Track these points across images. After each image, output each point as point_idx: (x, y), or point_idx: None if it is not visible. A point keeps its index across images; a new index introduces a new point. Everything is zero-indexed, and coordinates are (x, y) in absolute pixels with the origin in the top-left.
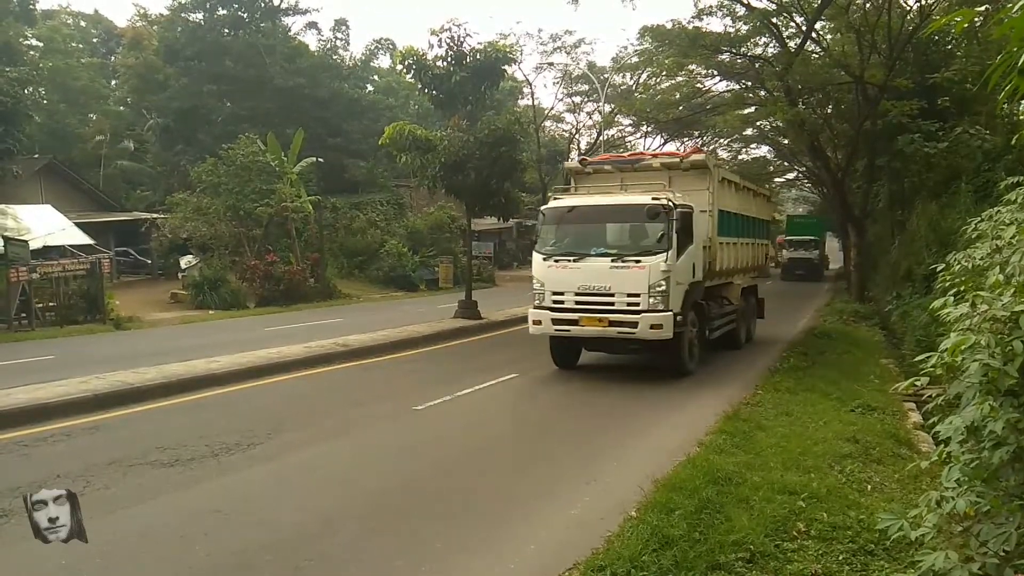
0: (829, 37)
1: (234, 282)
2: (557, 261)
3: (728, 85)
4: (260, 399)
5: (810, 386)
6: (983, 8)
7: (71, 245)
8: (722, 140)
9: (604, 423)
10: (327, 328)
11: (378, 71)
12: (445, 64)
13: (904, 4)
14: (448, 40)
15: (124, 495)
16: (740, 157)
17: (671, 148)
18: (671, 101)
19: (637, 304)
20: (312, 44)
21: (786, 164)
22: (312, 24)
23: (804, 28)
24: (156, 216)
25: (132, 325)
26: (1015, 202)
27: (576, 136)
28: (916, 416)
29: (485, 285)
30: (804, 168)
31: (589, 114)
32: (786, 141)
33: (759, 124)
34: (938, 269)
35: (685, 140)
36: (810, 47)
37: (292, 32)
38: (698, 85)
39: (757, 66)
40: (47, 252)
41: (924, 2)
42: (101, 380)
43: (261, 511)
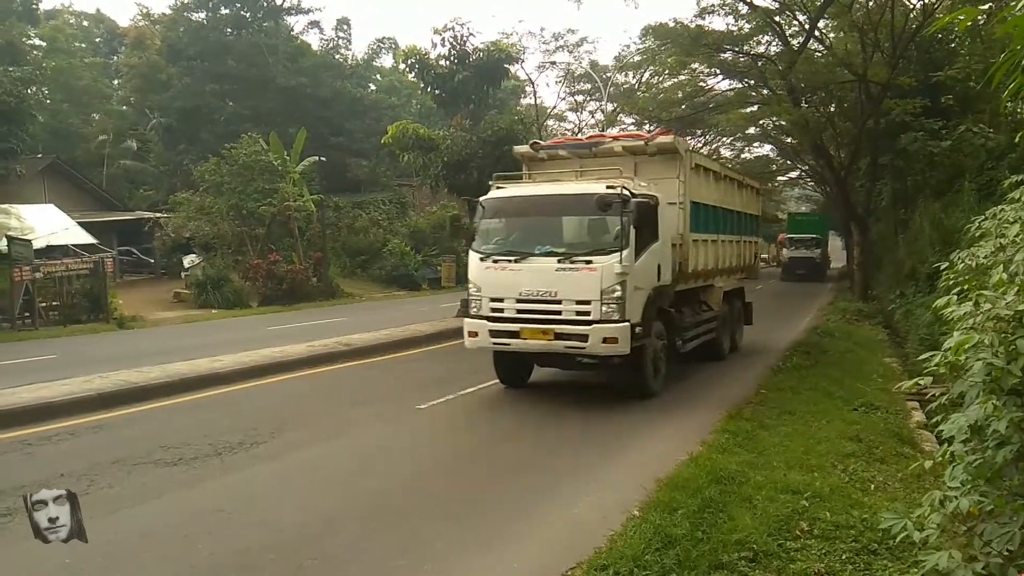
0: (832, 35)
1: (237, 281)
2: (496, 262)
3: (731, 84)
4: (263, 398)
5: (813, 385)
6: (986, 6)
7: (74, 244)
8: (725, 139)
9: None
10: (329, 327)
11: (380, 70)
12: (448, 63)
13: (907, 2)
14: (451, 39)
15: (128, 494)
16: (743, 156)
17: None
18: (674, 100)
19: (587, 313)
20: (314, 43)
21: (789, 163)
22: (314, 23)
23: (807, 26)
24: (159, 215)
25: (135, 324)
26: (1019, 200)
27: (579, 135)
28: (919, 415)
29: None
30: (807, 167)
31: (592, 113)
32: (789, 140)
33: (762, 123)
34: (941, 268)
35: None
36: (813, 45)
37: (294, 31)
38: (701, 84)
39: (760, 65)
40: (50, 251)
41: (927, 0)
42: (105, 379)
43: (264, 510)
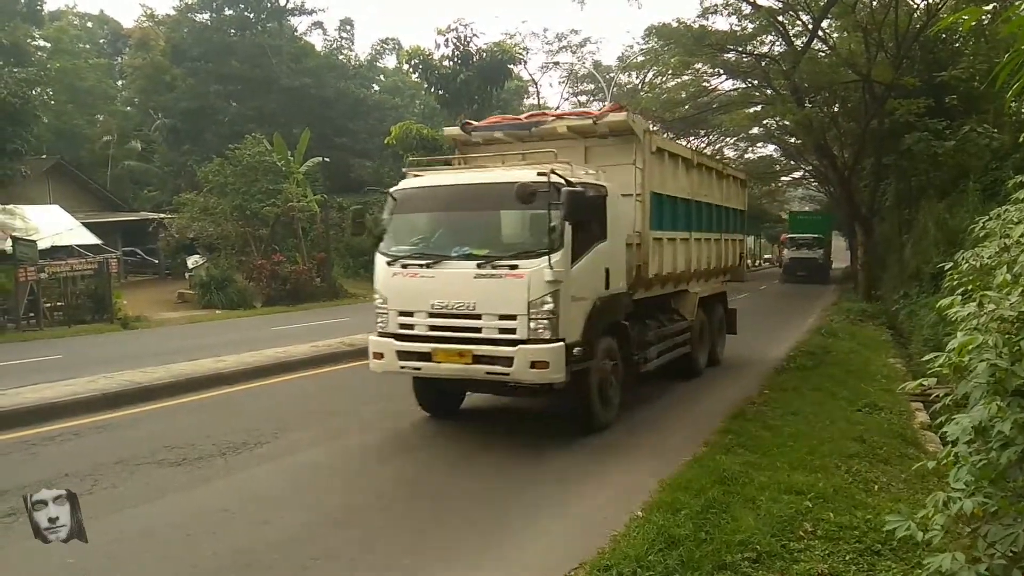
0: (836, 35)
1: (241, 282)
2: (405, 267)
3: (734, 84)
4: (267, 398)
5: (817, 385)
6: (990, 6)
7: (79, 245)
8: (729, 139)
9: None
10: (333, 327)
11: (384, 71)
12: (451, 64)
13: (911, 2)
14: (454, 40)
15: (131, 494)
16: (747, 156)
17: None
18: (677, 100)
19: (512, 331)
20: (318, 44)
21: (792, 163)
22: (318, 24)
23: (810, 26)
24: (163, 216)
25: (139, 324)
26: (1023, 200)
27: None
28: (923, 416)
29: None
30: (811, 167)
31: None
32: (793, 140)
33: (765, 123)
34: (945, 268)
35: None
36: (817, 45)
37: (298, 32)
38: (704, 84)
39: (763, 65)
40: (55, 252)
41: (931, 0)
42: (109, 379)
43: (268, 510)
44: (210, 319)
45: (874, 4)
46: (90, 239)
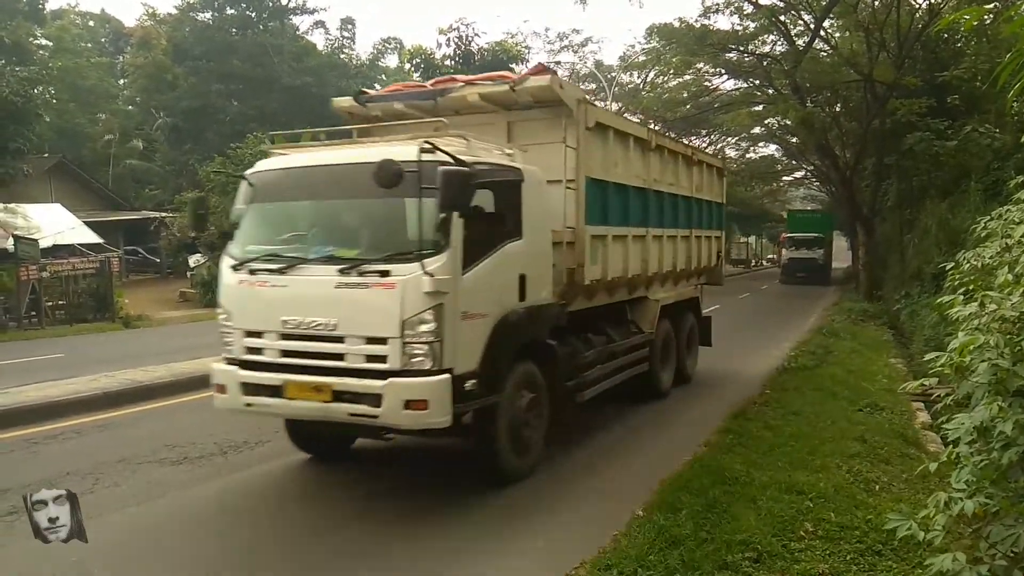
0: (837, 35)
1: None
2: (254, 273)
3: (736, 84)
4: None
5: (818, 385)
6: (992, 6)
7: (80, 244)
8: (730, 139)
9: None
10: None
11: (385, 70)
12: (453, 63)
13: (913, 2)
14: (456, 39)
15: (133, 493)
16: (748, 155)
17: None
18: (679, 99)
19: (382, 358)
20: (319, 43)
21: (794, 162)
22: (319, 23)
23: (812, 26)
24: (165, 215)
25: (141, 323)
26: None
27: None
28: (924, 416)
29: None
30: (812, 167)
31: None
32: (794, 139)
33: (767, 122)
34: (947, 268)
35: (693, 139)
36: (818, 45)
37: (300, 31)
38: (706, 84)
39: (765, 64)
40: (57, 251)
41: (933, 0)
42: (110, 378)
43: (270, 508)
44: (212, 318)
45: (876, 4)
46: (92, 238)
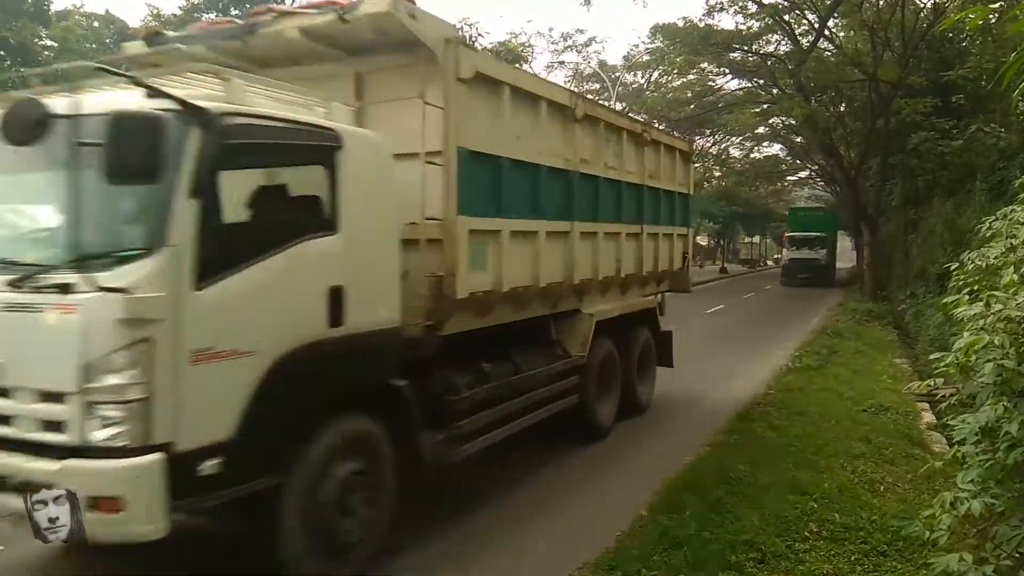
0: (842, 34)
1: None
2: None
3: (740, 83)
4: None
5: (822, 385)
6: (997, 5)
7: None
8: (734, 139)
9: None
10: None
11: None
12: None
13: (918, 1)
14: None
15: None
16: (752, 155)
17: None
18: (683, 99)
19: (60, 424)
20: None
21: (799, 162)
22: None
23: (816, 25)
24: None
25: None
26: None
27: None
28: (929, 416)
29: None
30: (817, 167)
31: None
32: (799, 139)
33: (772, 122)
34: (951, 268)
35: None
36: (822, 45)
37: None
38: (710, 83)
39: (769, 64)
40: None
41: None
42: None
43: None
44: None
45: (880, 3)
46: None
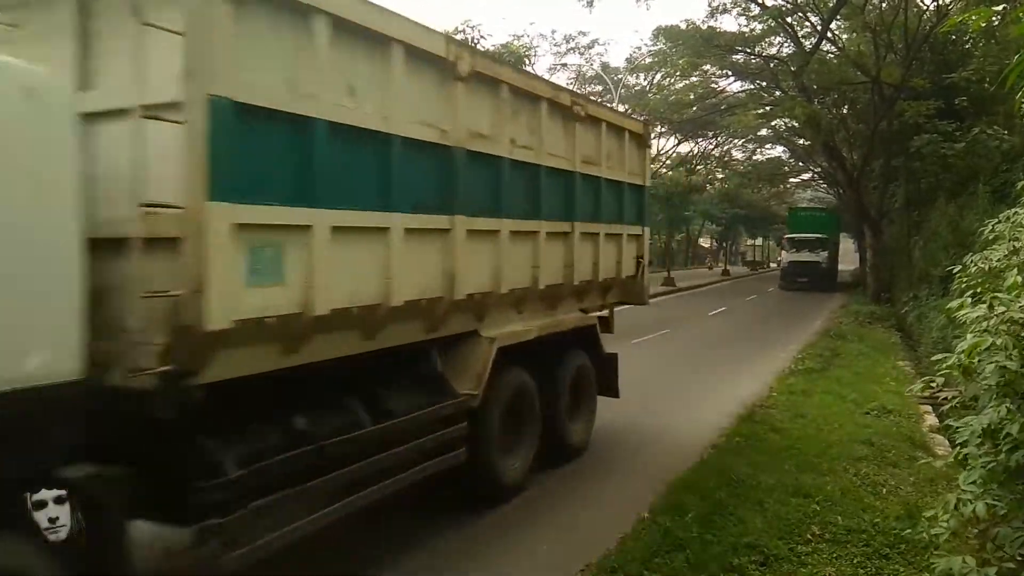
0: (845, 37)
1: None
2: None
3: (743, 85)
4: None
5: (825, 388)
6: (1000, 7)
7: None
8: (737, 141)
9: None
10: None
11: None
12: None
13: (921, 3)
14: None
15: None
16: (755, 157)
17: (684, 149)
18: (685, 102)
19: None
20: None
21: (801, 164)
22: None
23: (819, 28)
24: None
25: None
26: None
27: None
28: (932, 419)
29: None
30: (819, 169)
31: None
32: (802, 141)
33: (774, 124)
34: (955, 271)
35: (699, 141)
36: (825, 47)
37: None
38: (712, 85)
39: (772, 66)
40: None
41: (941, 1)
42: None
43: None
44: None
45: (883, 5)
46: None
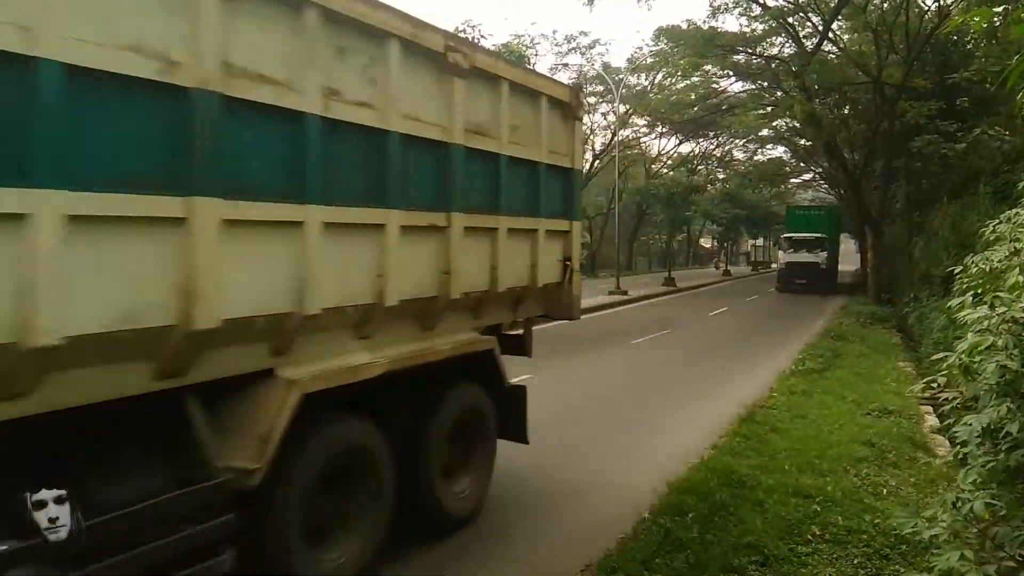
0: (846, 37)
1: None
2: None
3: (744, 86)
4: None
5: (826, 388)
6: (1002, 8)
7: None
8: (738, 141)
9: None
10: None
11: None
12: None
13: (922, 3)
14: None
15: None
16: (756, 158)
17: (686, 149)
18: (687, 102)
19: None
20: None
21: (802, 165)
22: None
23: (820, 28)
24: None
25: None
26: None
27: (591, 136)
28: (933, 419)
29: None
30: (820, 169)
31: (604, 115)
32: (803, 141)
33: (775, 124)
34: (956, 271)
35: (700, 141)
36: (827, 47)
37: None
38: (714, 86)
39: (773, 66)
40: None
41: (942, 1)
42: None
43: None
44: None
45: (885, 6)
46: None
